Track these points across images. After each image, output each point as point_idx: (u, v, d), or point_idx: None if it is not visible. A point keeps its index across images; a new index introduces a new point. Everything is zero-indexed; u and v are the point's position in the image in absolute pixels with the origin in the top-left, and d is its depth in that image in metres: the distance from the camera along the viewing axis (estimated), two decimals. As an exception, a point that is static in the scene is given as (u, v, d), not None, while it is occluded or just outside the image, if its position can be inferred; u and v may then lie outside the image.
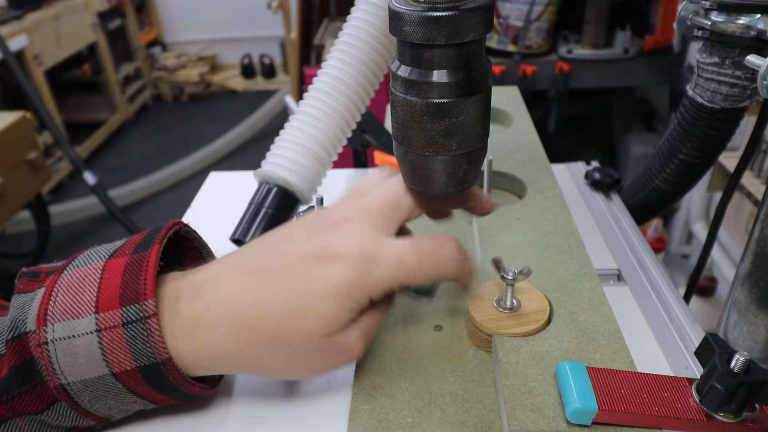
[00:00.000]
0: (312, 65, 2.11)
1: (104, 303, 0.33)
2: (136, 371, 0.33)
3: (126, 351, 0.33)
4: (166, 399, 0.36)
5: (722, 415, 0.32)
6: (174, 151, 2.94)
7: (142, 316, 0.33)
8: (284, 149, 0.51)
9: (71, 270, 0.35)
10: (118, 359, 0.33)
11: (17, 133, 1.61)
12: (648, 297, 0.49)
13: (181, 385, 0.34)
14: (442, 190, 0.35)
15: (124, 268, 0.34)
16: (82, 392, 0.33)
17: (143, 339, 0.33)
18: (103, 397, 0.34)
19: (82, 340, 0.33)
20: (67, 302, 0.34)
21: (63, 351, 0.33)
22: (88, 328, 0.33)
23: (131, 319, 0.33)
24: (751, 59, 0.38)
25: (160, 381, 0.34)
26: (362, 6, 0.50)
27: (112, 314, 0.33)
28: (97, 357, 0.33)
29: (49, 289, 0.35)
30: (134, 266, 0.34)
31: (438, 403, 0.36)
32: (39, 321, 0.33)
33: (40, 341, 0.33)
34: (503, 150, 0.64)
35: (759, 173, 1.26)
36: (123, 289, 0.33)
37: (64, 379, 0.33)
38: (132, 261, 0.35)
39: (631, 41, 1.47)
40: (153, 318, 0.33)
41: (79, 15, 2.90)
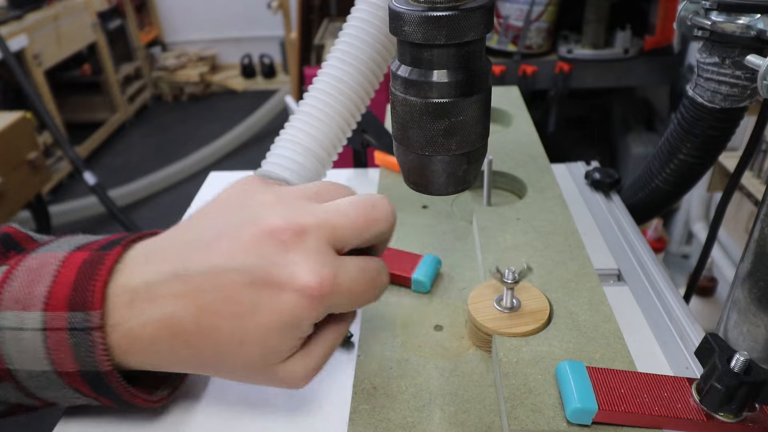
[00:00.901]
0: (312, 65, 2.12)
1: (54, 301, 0.32)
2: (77, 375, 0.33)
3: (69, 354, 0.32)
4: (109, 403, 0.35)
5: (722, 415, 0.32)
6: (174, 151, 2.94)
7: (87, 327, 0.31)
8: (284, 149, 0.51)
9: (36, 254, 0.34)
10: (62, 360, 0.32)
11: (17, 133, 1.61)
12: (648, 297, 0.49)
13: (122, 395, 0.34)
14: (441, 190, 0.36)
15: (80, 265, 0.33)
16: (28, 380, 0.33)
17: (87, 348, 0.32)
18: (47, 388, 0.34)
19: (29, 335, 0.32)
20: (21, 290, 0.33)
21: (10, 340, 0.32)
22: (34, 323, 0.32)
23: (76, 326, 0.32)
24: (751, 59, 0.38)
25: (102, 387, 0.33)
26: (362, 6, 0.50)
27: (59, 316, 0.32)
28: (41, 354, 0.32)
29: (9, 270, 0.34)
30: (91, 266, 0.33)
31: (438, 403, 0.36)
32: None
33: None
34: (503, 150, 0.64)
35: (759, 173, 1.25)
36: (74, 291, 0.32)
37: (11, 365, 0.33)
38: (91, 259, 0.33)
39: (631, 41, 1.47)
40: (97, 331, 0.31)
41: (79, 15, 2.90)
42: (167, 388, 0.38)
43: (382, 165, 0.64)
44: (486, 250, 0.48)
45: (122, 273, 0.33)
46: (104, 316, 0.32)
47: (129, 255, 0.34)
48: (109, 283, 0.32)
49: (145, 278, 0.32)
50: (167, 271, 0.32)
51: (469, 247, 0.53)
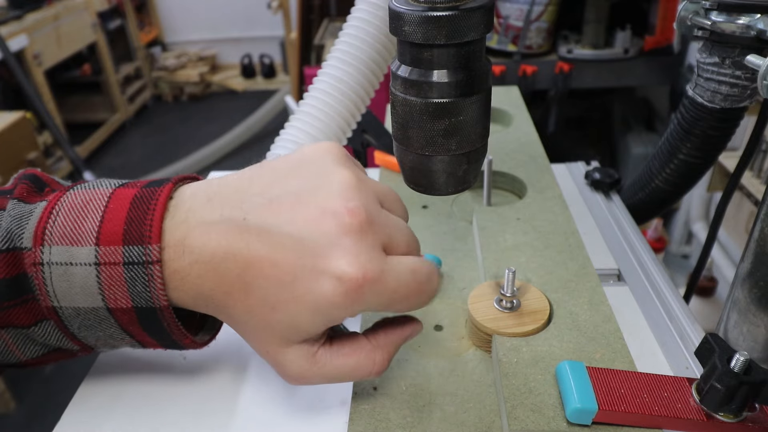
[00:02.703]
0: (312, 65, 2.12)
1: (106, 236, 0.31)
2: (132, 311, 0.32)
3: (124, 290, 0.31)
4: (155, 343, 0.35)
5: (722, 415, 0.32)
6: (174, 151, 2.95)
7: (145, 261, 0.31)
8: (284, 149, 0.51)
9: (77, 191, 0.34)
10: (115, 296, 0.32)
11: (17, 133, 1.62)
12: (648, 297, 0.49)
13: (173, 333, 0.33)
14: (441, 190, 0.36)
15: (131, 201, 0.32)
16: (73, 318, 0.33)
17: (144, 283, 0.31)
18: (92, 327, 0.33)
19: (80, 270, 0.31)
20: (68, 225, 0.32)
21: (59, 276, 0.31)
22: (87, 258, 0.31)
23: (133, 260, 0.31)
24: (751, 59, 0.38)
25: (154, 325, 0.33)
26: (362, 6, 0.50)
27: (114, 250, 0.31)
28: (94, 290, 0.32)
29: (50, 205, 0.33)
30: (142, 202, 0.32)
31: (438, 403, 0.36)
32: (36, 239, 0.32)
33: (35, 261, 0.31)
34: (503, 150, 0.64)
35: (759, 173, 1.25)
36: (127, 226, 0.31)
37: (56, 302, 0.32)
38: (141, 195, 0.33)
39: (631, 41, 1.47)
40: (156, 264, 0.31)
41: (79, 15, 2.90)
42: (206, 334, 0.38)
43: (382, 165, 0.64)
44: (486, 250, 0.48)
45: (178, 209, 0.32)
46: (161, 250, 0.31)
47: (183, 192, 0.33)
48: (165, 217, 0.32)
49: (204, 218, 0.32)
50: (227, 216, 0.32)
51: (469, 247, 0.53)
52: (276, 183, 0.33)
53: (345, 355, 0.34)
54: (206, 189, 0.34)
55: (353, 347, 0.34)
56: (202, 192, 0.33)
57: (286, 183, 0.33)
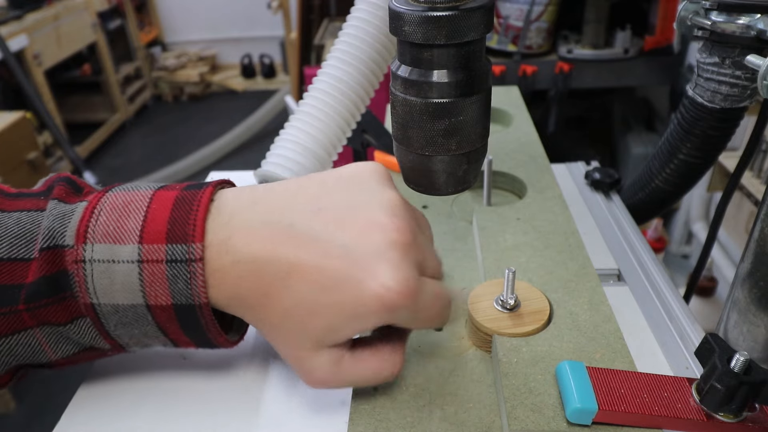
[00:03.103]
0: (312, 65, 2.12)
1: (149, 234, 0.32)
2: (171, 308, 0.33)
3: (165, 287, 0.32)
4: (188, 341, 0.35)
5: (722, 415, 0.32)
6: (174, 151, 2.95)
7: (188, 258, 0.32)
8: (284, 149, 0.51)
9: (117, 192, 0.35)
10: (156, 293, 0.32)
11: (17, 133, 1.62)
12: (648, 297, 0.49)
13: (210, 330, 0.34)
14: (441, 190, 0.36)
15: (174, 202, 0.33)
16: (111, 315, 0.33)
17: (185, 280, 0.32)
18: (129, 324, 0.34)
19: (122, 267, 0.32)
20: (110, 224, 0.33)
21: (100, 273, 0.32)
22: (129, 256, 0.32)
23: (176, 258, 0.32)
24: (751, 59, 0.38)
25: (191, 322, 0.33)
26: (362, 6, 0.50)
27: (157, 248, 0.32)
28: (135, 287, 0.32)
29: (92, 205, 0.34)
30: (185, 203, 0.33)
31: (438, 403, 0.36)
32: (78, 237, 0.32)
33: (77, 258, 0.32)
34: (503, 150, 0.64)
35: (759, 173, 1.26)
36: (171, 225, 0.32)
37: (96, 299, 0.32)
38: (183, 197, 0.34)
39: (631, 41, 1.47)
40: (199, 262, 0.32)
41: (79, 15, 2.90)
42: (235, 335, 0.38)
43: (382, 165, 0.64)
44: (486, 250, 0.48)
45: (220, 211, 0.33)
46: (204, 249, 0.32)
47: (225, 195, 0.35)
48: (207, 218, 0.33)
49: (249, 221, 0.33)
50: (273, 220, 0.33)
51: (469, 247, 0.53)
52: (323, 195, 0.34)
53: (366, 360, 0.35)
54: (251, 193, 0.35)
55: (373, 352, 0.35)
56: (246, 196, 0.35)
57: (333, 195, 0.34)
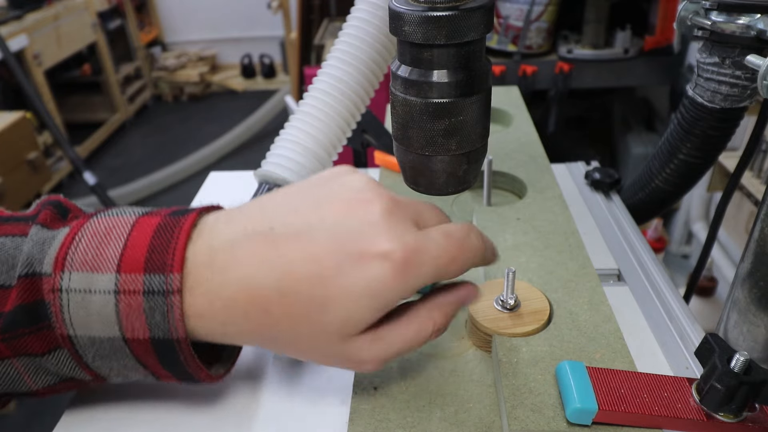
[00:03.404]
0: (312, 65, 2.12)
1: (128, 263, 0.31)
2: (148, 342, 0.32)
3: (142, 320, 0.31)
4: (169, 376, 0.34)
5: (722, 415, 0.32)
6: (174, 151, 2.94)
7: (166, 290, 0.31)
8: (284, 149, 0.51)
9: (100, 218, 0.34)
10: (132, 326, 0.31)
11: (17, 133, 1.62)
12: (648, 297, 0.49)
13: (190, 365, 0.33)
14: (442, 190, 0.36)
15: (155, 229, 0.32)
16: (88, 348, 0.32)
17: (162, 313, 0.31)
18: (107, 357, 0.33)
19: (99, 298, 0.31)
20: (89, 251, 0.32)
21: (77, 303, 0.31)
22: (106, 286, 0.31)
23: (154, 289, 0.31)
24: (751, 59, 0.38)
25: (170, 357, 0.32)
26: (362, 6, 0.50)
27: (134, 278, 0.31)
28: (111, 319, 0.31)
29: (73, 231, 0.33)
30: (166, 230, 0.32)
31: (438, 403, 0.36)
32: (56, 265, 0.32)
33: (54, 287, 0.31)
34: (503, 150, 0.64)
35: (759, 173, 1.25)
36: (150, 253, 0.31)
37: (72, 330, 0.32)
38: (165, 223, 0.33)
39: (631, 41, 1.47)
40: (177, 294, 0.31)
41: (79, 15, 2.90)
42: (221, 367, 0.37)
43: (382, 165, 0.64)
44: (486, 250, 0.48)
45: (201, 235, 0.32)
46: (183, 279, 0.31)
47: (206, 219, 0.33)
48: (188, 245, 0.32)
49: (228, 237, 0.32)
50: (252, 230, 0.32)
51: (469, 247, 0.53)
52: (297, 194, 0.34)
53: (405, 324, 0.33)
54: (227, 212, 0.34)
55: (409, 315, 0.34)
56: (223, 215, 0.34)
57: (307, 193, 0.33)
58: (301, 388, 0.40)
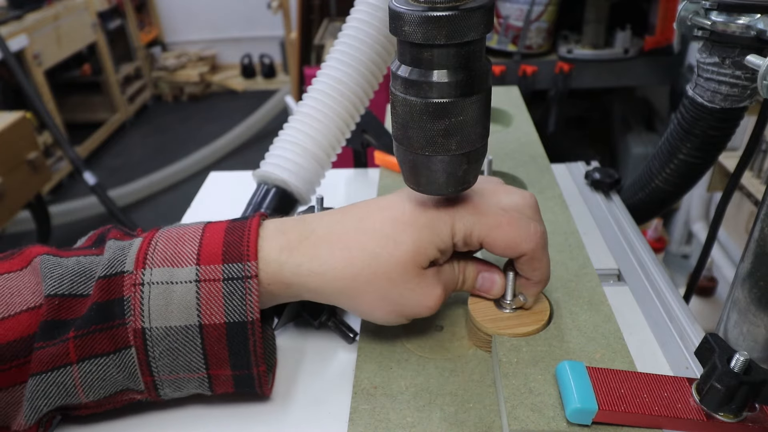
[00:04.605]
0: (312, 65, 2.11)
1: (206, 257, 0.35)
2: (223, 326, 0.34)
3: (220, 304, 0.34)
4: (227, 377, 0.36)
5: (722, 415, 0.32)
6: (174, 151, 2.94)
7: (244, 275, 0.34)
8: (283, 150, 0.51)
9: (168, 229, 0.37)
10: (211, 311, 0.34)
11: (17, 133, 1.61)
12: (648, 297, 0.49)
13: (256, 351, 0.35)
14: (441, 190, 0.35)
15: (225, 230, 0.36)
16: (160, 341, 0.34)
17: (240, 296, 0.34)
18: (174, 352, 0.35)
19: (180, 288, 0.34)
20: (167, 251, 0.35)
21: (158, 294, 0.34)
22: (188, 276, 0.34)
23: (232, 276, 0.34)
24: (751, 59, 0.38)
25: (239, 343, 0.35)
26: (362, 6, 0.50)
27: (214, 268, 0.34)
28: (192, 305, 0.34)
29: (148, 238, 0.36)
30: (236, 230, 0.36)
31: (438, 403, 0.36)
32: (137, 263, 0.35)
33: (136, 281, 0.34)
34: (503, 150, 0.64)
35: (759, 173, 1.25)
36: (225, 248, 0.35)
37: (148, 322, 0.34)
38: (232, 226, 0.37)
39: (631, 41, 1.47)
40: (254, 279, 0.34)
41: (79, 15, 2.90)
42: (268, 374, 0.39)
43: (382, 165, 0.64)
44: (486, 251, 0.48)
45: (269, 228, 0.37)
46: (258, 267, 0.35)
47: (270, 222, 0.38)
48: (259, 240, 0.36)
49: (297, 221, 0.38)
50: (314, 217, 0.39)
51: (469, 247, 0.53)
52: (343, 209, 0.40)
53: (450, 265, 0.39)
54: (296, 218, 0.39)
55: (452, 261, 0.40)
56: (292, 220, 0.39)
57: None
58: (301, 388, 0.40)
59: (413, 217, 0.36)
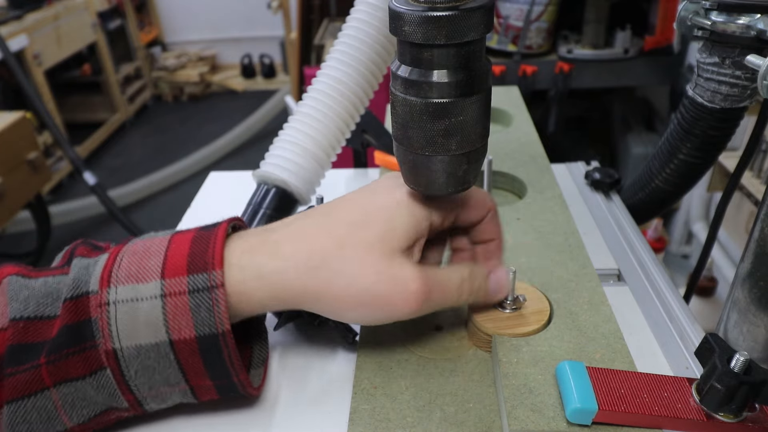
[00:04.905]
0: (312, 65, 2.11)
1: (171, 269, 0.33)
2: (194, 341, 0.33)
3: (188, 318, 0.33)
4: (209, 386, 0.35)
5: (722, 415, 0.32)
6: (174, 151, 2.94)
7: (210, 285, 0.33)
8: (283, 150, 0.51)
9: (135, 241, 0.36)
10: (179, 326, 0.33)
11: (17, 133, 1.61)
12: (648, 297, 0.49)
13: (233, 363, 0.34)
14: (442, 190, 0.35)
15: (191, 240, 0.35)
16: (133, 360, 0.33)
17: (207, 308, 0.33)
18: (150, 369, 0.33)
19: (146, 304, 0.33)
20: (132, 267, 0.34)
21: (124, 313, 0.33)
22: (152, 292, 0.33)
23: (198, 287, 0.33)
24: (751, 59, 0.38)
25: (214, 355, 0.34)
26: (362, 6, 0.50)
27: (179, 281, 0.33)
28: (158, 322, 0.33)
29: (113, 254, 0.35)
30: (201, 239, 0.35)
31: (438, 403, 0.36)
32: (102, 282, 0.33)
33: (101, 302, 0.33)
34: (503, 150, 0.64)
35: (759, 173, 1.25)
36: (191, 258, 0.34)
37: (118, 343, 0.33)
38: (199, 235, 0.36)
39: (631, 41, 1.47)
40: (220, 288, 0.33)
41: (79, 15, 2.90)
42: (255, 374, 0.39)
43: (382, 165, 0.64)
44: (486, 250, 0.48)
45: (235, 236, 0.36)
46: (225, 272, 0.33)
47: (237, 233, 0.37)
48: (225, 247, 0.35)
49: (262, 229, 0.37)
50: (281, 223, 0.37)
51: (469, 247, 0.53)
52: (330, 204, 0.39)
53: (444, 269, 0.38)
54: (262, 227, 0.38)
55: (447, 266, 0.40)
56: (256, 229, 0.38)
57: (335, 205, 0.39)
58: (301, 388, 0.40)
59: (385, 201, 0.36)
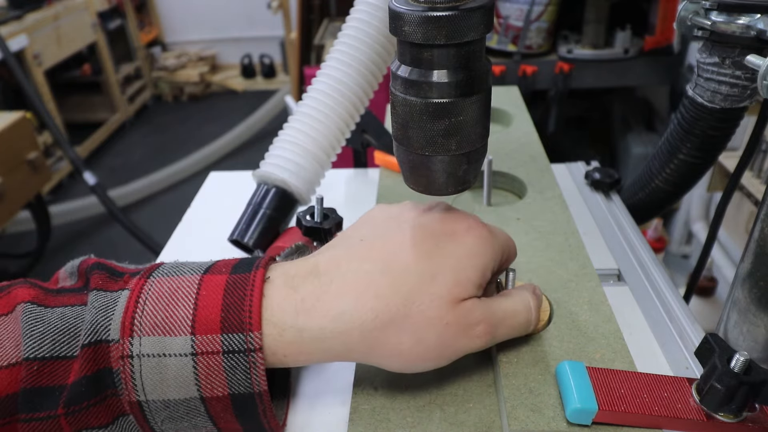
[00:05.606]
0: (312, 65, 2.11)
1: (202, 324, 0.30)
2: (228, 398, 0.31)
3: (222, 378, 0.30)
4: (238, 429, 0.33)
5: (722, 415, 0.32)
6: (174, 151, 2.94)
7: (247, 348, 0.30)
8: (283, 150, 0.51)
9: (160, 277, 0.33)
10: (212, 385, 0.30)
11: (17, 133, 1.61)
12: (648, 297, 0.49)
13: (267, 416, 0.32)
14: (441, 190, 0.35)
15: (225, 287, 0.32)
16: (159, 411, 0.31)
17: (244, 370, 0.30)
18: (179, 419, 0.31)
19: (174, 361, 0.30)
20: (158, 314, 0.31)
21: (150, 369, 0.30)
22: (182, 349, 0.30)
23: (233, 348, 0.30)
24: (751, 59, 0.38)
25: (248, 411, 0.32)
26: (362, 6, 0.50)
27: (212, 339, 0.30)
28: (189, 380, 0.30)
29: (135, 293, 0.32)
30: (236, 288, 0.32)
31: (438, 403, 0.36)
32: (124, 330, 0.30)
33: (123, 353, 0.30)
34: (503, 150, 0.64)
35: (759, 173, 1.25)
36: (225, 312, 0.30)
37: (143, 396, 0.30)
38: (233, 281, 0.32)
39: (631, 41, 1.47)
40: (258, 352, 0.30)
41: (79, 15, 2.90)
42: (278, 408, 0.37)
43: (382, 165, 0.64)
44: (486, 250, 0.48)
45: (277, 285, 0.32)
46: (263, 337, 0.31)
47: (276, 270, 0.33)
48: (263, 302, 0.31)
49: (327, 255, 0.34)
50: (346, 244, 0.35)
51: (469, 247, 0.53)
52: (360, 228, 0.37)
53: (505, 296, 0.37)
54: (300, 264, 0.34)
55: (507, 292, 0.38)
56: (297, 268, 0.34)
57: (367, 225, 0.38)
58: (301, 388, 0.40)
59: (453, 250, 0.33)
